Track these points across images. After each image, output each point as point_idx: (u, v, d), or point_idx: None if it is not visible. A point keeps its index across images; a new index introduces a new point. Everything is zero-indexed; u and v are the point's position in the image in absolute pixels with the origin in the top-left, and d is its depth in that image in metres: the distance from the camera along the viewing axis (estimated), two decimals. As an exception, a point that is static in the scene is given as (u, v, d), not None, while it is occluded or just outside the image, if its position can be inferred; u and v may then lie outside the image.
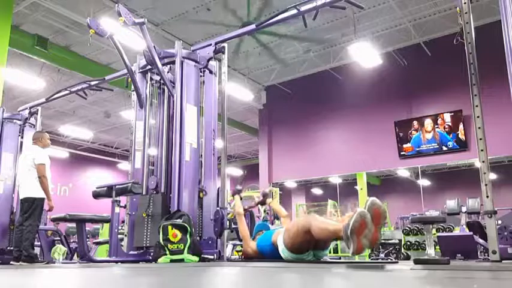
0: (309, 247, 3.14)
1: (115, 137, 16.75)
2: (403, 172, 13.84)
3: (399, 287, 1.53)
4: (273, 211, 5.89)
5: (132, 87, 4.84)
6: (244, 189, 5.89)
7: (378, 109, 11.24)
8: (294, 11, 4.27)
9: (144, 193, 4.44)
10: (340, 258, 9.20)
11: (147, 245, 4.23)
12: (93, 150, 17.67)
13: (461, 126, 9.98)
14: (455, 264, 2.87)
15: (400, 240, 8.42)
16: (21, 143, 6.44)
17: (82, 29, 9.04)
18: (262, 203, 4.52)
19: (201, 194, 4.37)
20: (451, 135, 10.18)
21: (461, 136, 9.99)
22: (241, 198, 4.18)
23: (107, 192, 4.45)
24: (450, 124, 10.18)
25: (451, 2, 8.70)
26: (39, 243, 6.45)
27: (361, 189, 12.14)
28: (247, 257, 3.71)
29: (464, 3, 3.35)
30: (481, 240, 5.77)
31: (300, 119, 12.64)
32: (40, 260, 5.49)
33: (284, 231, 3.25)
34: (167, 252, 3.75)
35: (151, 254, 4.02)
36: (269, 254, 3.41)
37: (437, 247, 5.96)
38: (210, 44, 4.71)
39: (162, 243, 3.78)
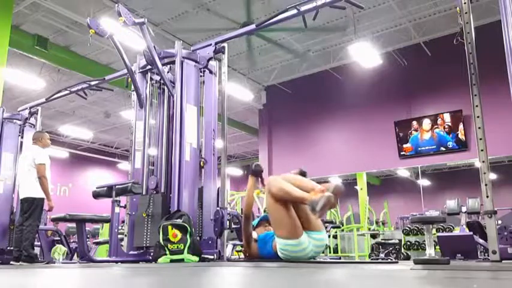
0: (298, 227, 3.18)
1: (115, 137, 16.74)
2: (403, 172, 13.82)
3: (399, 287, 1.53)
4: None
5: (132, 87, 4.84)
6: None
7: (378, 109, 11.24)
8: (294, 11, 4.27)
9: (144, 193, 4.44)
10: (340, 258, 9.20)
11: (147, 245, 4.23)
12: (93, 150, 17.67)
13: (461, 126, 9.98)
14: (455, 264, 2.86)
15: (400, 240, 8.42)
16: (21, 143, 6.44)
17: (82, 29, 9.04)
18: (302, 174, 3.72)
19: (201, 163, 4.36)
20: (451, 135, 10.18)
21: (461, 136, 9.99)
22: (259, 181, 3.74)
23: (107, 192, 4.45)
24: (450, 124, 10.18)
25: (451, 2, 8.70)
26: (39, 243, 6.45)
27: (361, 189, 12.14)
28: (248, 257, 3.70)
29: (464, 3, 3.35)
30: (481, 240, 5.77)
31: (300, 119, 12.64)
32: (40, 260, 5.50)
33: (273, 228, 3.35)
34: (167, 252, 3.75)
35: (151, 254, 4.02)
36: (268, 257, 3.40)
37: (437, 247, 5.96)
38: (210, 44, 4.71)
39: (162, 243, 3.78)
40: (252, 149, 18.31)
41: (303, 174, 3.98)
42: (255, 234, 3.61)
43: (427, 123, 10.52)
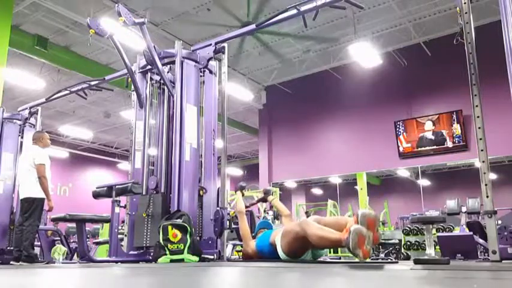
0: (306, 250, 3.16)
1: (115, 137, 16.75)
2: (403, 172, 13.83)
3: (399, 287, 1.53)
4: (275, 209, 5.87)
5: (132, 87, 4.84)
6: (247, 187, 5.87)
7: (378, 109, 11.24)
8: (294, 11, 4.27)
9: (144, 193, 4.44)
10: (340, 258, 9.19)
11: (147, 245, 4.23)
12: (93, 150, 17.67)
13: (461, 126, 9.98)
14: (455, 264, 2.87)
15: (400, 240, 8.42)
16: (21, 143, 6.44)
17: (82, 29, 9.04)
18: (264, 200, 4.49)
19: (201, 192, 4.37)
20: (451, 135, 10.18)
21: (461, 136, 9.99)
22: (243, 195, 4.16)
23: (107, 192, 4.45)
24: (450, 124, 10.18)
25: (451, 2, 8.70)
26: (39, 243, 6.45)
27: (361, 189, 12.14)
28: (246, 257, 3.71)
29: (464, 3, 3.35)
30: (481, 240, 5.77)
31: (300, 119, 12.64)
32: (40, 260, 5.50)
33: (281, 234, 3.23)
34: (167, 252, 3.75)
35: (151, 254, 4.02)
36: (268, 254, 3.41)
37: (437, 247, 5.96)
38: (210, 44, 4.71)
39: (162, 243, 3.78)
40: (252, 149, 18.31)
41: (267, 193, 4.37)
42: (252, 245, 3.62)
43: (427, 123, 10.52)
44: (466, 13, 3.33)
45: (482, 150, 3.06)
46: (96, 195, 4.58)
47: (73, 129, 15.23)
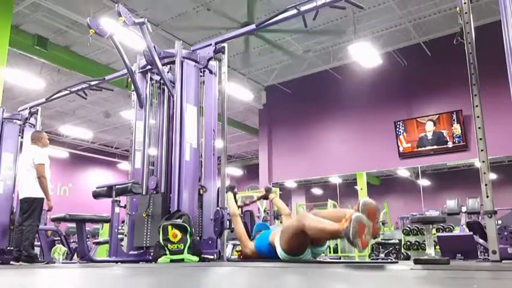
0: (306, 247, 3.14)
1: (115, 137, 16.75)
2: (403, 172, 13.83)
3: (399, 287, 1.53)
4: (275, 207, 5.83)
5: (132, 87, 4.84)
6: (247, 188, 5.84)
7: (378, 109, 11.24)
8: (294, 11, 4.27)
9: (144, 193, 4.44)
10: (340, 258, 9.20)
11: (147, 245, 4.23)
12: (93, 150, 17.67)
13: (461, 126, 9.98)
14: (455, 264, 2.87)
15: (400, 240, 8.43)
16: (21, 143, 6.44)
17: (82, 29, 9.04)
18: (265, 197, 4.44)
19: (201, 191, 4.37)
20: (451, 135, 10.18)
21: (461, 136, 9.99)
22: (235, 196, 4.09)
23: (107, 192, 4.45)
24: (450, 124, 10.19)
25: (451, 2, 8.70)
26: (39, 243, 6.46)
27: (361, 189, 12.14)
28: (245, 258, 3.71)
29: (464, 3, 3.35)
30: (481, 240, 5.77)
31: (300, 119, 12.64)
32: (40, 260, 5.50)
33: (280, 232, 3.21)
34: (167, 252, 3.75)
35: (151, 254, 4.02)
36: (267, 254, 3.40)
37: (437, 247, 5.96)
38: (210, 44, 4.71)
39: (162, 243, 3.78)
40: (252, 149, 18.31)
41: (268, 190, 4.29)
42: (251, 245, 3.62)
43: (427, 123, 10.52)
44: (466, 13, 3.33)
45: (482, 150, 3.06)
46: (96, 195, 4.58)
47: (73, 129, 15.23)
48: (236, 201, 4.15)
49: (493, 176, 9.25)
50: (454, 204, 8.05)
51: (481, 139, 3.07)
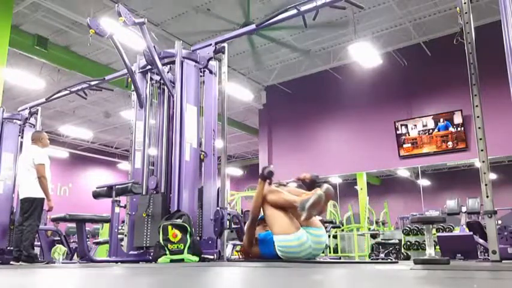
0: (292, 221, 3.24)
1: (115, 137, 16.74)
2: (403, 172, 13.83)
3: (399, 287, 1.53)
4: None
5: (132, 87, 4.84)
6: (246, 188, 5.74)
7: (378, 109, 11.24)
8: (294, 11, 4.27)
9: (144, 193, 4.44)
10: (340, 258, 9.20)
11: (147, 245, 4.23)
12: (93, 150, 17.67)
13: (461, 126, 9.98)
14: (455, 264, 2.86)
15: (400, 240, 8.42)
16: (21, 143, 6.43)
17: (82, 29, 9.04)
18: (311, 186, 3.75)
19: (201, 156, 4.36)
20: (450, 135, 10.18)
21: (461, 136, 9.99)
22: (270, 183, 3.64)
23: (107, 192, 4.45)
24: (450, 124, 10.19)
25: (451, 2, 8.70)
26: (39, 243, 6.45)
27: (361, 189, 12.14)
28: (248, 256, 3.69)
29: (464, 3, 3.35)
30: (481, 240, 5.77)
31: (300, 119, 12.64)
32: (40, 260, 5.50)
33: (271, 229, 3.44)
34: (167, 252, 3.75)
35: (151, 254, 4.02)
36: (271, 257, 3.40)
37: (437, 247, 5.96)
38: (210, 44, 4.71)
39: (162, 243, 3.78)
40: (252, 149, 18.31)
41: (313, 181, 3.83)
42: (255, 251, 3.61)
43: (428, 122, 10.52)
44: (466, 13, 3.33)
45: (482, 150, 3.06)
46: (96, 195, 4.58)
47: (73, 129, 15.23)
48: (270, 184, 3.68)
49: (493, 176, 9.25)
50: (454, 204, 8.04)
51: (481, 139, 3.07)
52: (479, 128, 3.09)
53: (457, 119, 10.06)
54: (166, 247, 3.76)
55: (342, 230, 10.62)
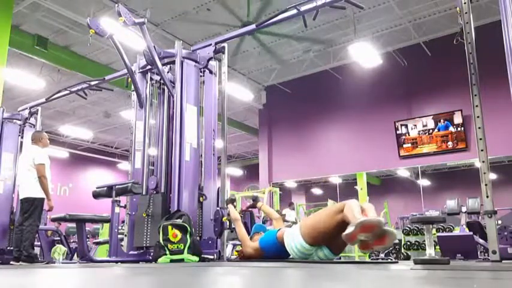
0: (325, 239, 3.15)
1: (115, 137, 16.75)
2: (403, 172, 13.83)
3: (399, 287, 1.53)
4: (264, 215, 5.99)
5: (132, 87, 4.84)
6: (247, 188, 5.84)
7: (378, 109, 11.24)
8: (294, 11, 4.27)
9: (144, 193, 4.44)
10: (340, 258, 9.20)
11: (147, 245, 4.23)
12: (93, 150, 17.68)
13: (461, 126, 9.98)
14: (455, 264, 2.86)
15: (400, 240, 8.42)
16: (21, 143, 6.44)
17: (82, 29, 9.04)
18: (253, 206, 4.52)
19: (201, 199, 4.37)
20: (450, 135, 10.18)
21: (461, 136, 9.99)
22: (234, 206, 4.20)
23: (107, 192, 4.45)
24: (450, 124, 10.19)
25: (451, 2, 8.70)
26: (39, 243, 6.46)
27: (361, 189, 12.14)
28: (247, 257, 3.70)
29: (464, 3, 3.35)
30: (481, 240, 5.77)
31: (300, 119, 12.64)
32: (40, 260, 5.50)
33: (302, 221, 3.37)
34: (167, 252, 3.75)
35: (151, 254, 4.02)
36: (273, 250, 3.41)
37: (437, 247, 5.96)
38: (210, 44, 4.71)
39: (162, 243, 3.78)
40: (252, 149, 18.31)
41: (255, 200, 4.36)
42: (254, 244, 3.62)
43: (428, 122, 10.52)
44: (466, 13, 3.33)
45: (482, 150, 3.06)
46: (96, 195, 4.58)
47: (73, 129, 15.23)
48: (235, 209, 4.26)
49: (493, 176, 9.26)
50: (454, 204, 8.03)
51: (481, 139, 3.07)
52: (479, 128, 3.09)
53: (457, 119, 10.06)
54: (166, 247, 3.76)
55: (342, 230, 10.59)
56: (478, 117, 3.11)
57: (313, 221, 3.21)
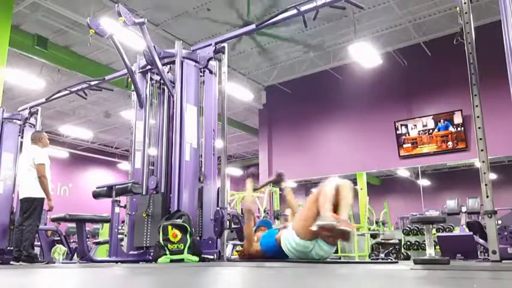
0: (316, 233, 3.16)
1: (115, 137, 16.74)
2: (403, 172, 13.83)
3: (399, 287, 1.53)
4: (286, 201, 5.73)
5: (132, 87, 4.84)
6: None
7: (378, 109, 11.24)
8: (294, 11, 4.27)
9: (144, 193, 4.44)
10: (340, 258, 9.20)
11: (147, 245, 4.23)
12: (93, 150, 17.67)
13: (461, 126, 9.98)
14: (455, 264, 2.87)
15: (400, 240, 8.42)
16: (21, 143, 6.44)
17: (82, 29, 9.04)
18: (277, 182, 4.26)
19: (201, 179, 4.36)
20: (450, 135, 10.18)
21: (461, 136, 9.99)
22: (255, 190, 3.95)
23: (107, 192, 4.45)
24: (450, 124, 10.19)
25: (451, 2, 8.69)
26: (39, 243, 6.46)
27: (361, 189, 12.13)
28: (248, 256, 3.70)
29: (464, 3, 3.35)
30: (481, 240, 5.77)
31: (300, 119, 12.64)
32: (40, 260, 5.50)
33: (298, 214, 3.40)
34: (167, 252, 3.75)
35: (151, 254, 4.02)
36: (272, 251, 3.41)
37: (437, 247, 5.96)
38: (210, 44, 4.71)
39: (162, 243, 3.78)
40: (252, 149, 18.31)
41: (280, 176, 4.21)
42: (256, 245, 3.62)
43: (428, 122, 10.52)
44: (466, 13, 3.33)
45: (482, 150, 3.06)
46: (96, 195, 4.58)
47: (73, 129, 15.22)
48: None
49: (493, 176, 9.23)
50: (454, 204, 8.03)
51: (481, 139, 3.07)
52: (479, 128, 3.09)
53: (457, 119, 10.06)
54: (166, 247, 3.76)
55: (342, 230, 10.58)
56: (478, 117, 3.11)
57: (301, 214, 3.31)
